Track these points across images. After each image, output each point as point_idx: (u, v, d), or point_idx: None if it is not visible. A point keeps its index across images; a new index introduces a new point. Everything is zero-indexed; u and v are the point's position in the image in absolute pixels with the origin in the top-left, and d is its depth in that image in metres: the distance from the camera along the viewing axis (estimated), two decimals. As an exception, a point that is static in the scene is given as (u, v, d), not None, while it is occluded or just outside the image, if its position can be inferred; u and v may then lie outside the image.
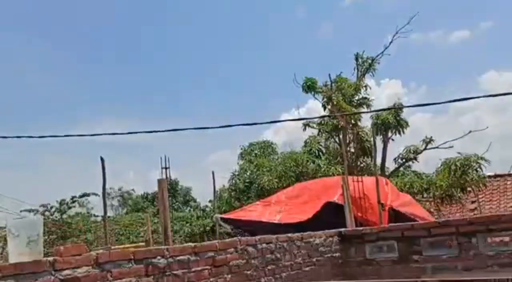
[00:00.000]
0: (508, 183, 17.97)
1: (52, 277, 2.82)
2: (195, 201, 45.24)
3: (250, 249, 4.58)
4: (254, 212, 9.15)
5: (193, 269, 3.84)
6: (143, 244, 4.64)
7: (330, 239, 6.18)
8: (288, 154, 15.94)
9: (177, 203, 41.05)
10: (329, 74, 14.06)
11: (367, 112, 13.66)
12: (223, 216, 9.67)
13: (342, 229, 6.52)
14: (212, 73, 39.67)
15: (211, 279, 3.99)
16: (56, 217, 19.64)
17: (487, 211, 16.37)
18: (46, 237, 19.19)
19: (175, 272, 3.66)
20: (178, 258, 3.73)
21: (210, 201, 18.57)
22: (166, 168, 9.61)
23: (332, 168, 13.14)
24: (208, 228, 15.99)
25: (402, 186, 13.47)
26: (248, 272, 4.47)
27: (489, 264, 5.43)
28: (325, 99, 13.61)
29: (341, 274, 6.18)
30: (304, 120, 14.34)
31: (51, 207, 19.60)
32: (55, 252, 2.99)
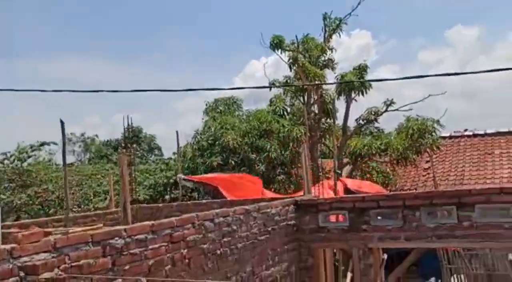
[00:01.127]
0: (461, 144, 18.82)
1: (11, 265, 2.93)
2: (159, 149, 45.28)
3: (207, 223, 4.79)
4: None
5: (150, 247, 4.01)
6: (101, 225, 4.77)
7: (286, 208, 6.48)
8: (253, 111, 16.06)
9: (141, 151, 40.97)
10: (296, 35, 14.04)
11: (339, 82, 13.73)
12: (186, 177, 9.89)
13: (298, 198, 6.83)
14: (188, 16, 38.76)
15: (168, 255, 4.19)
16: (16, 165, 19.38)
17: (440, 171, 17.23)
18: (6, 185, 19.02)
19: (132, 251, 3.82)
20: (136, 237, 3.89)
21: (174, 153, 18.64)
22: (129, 129, 9.61)
23: (296, 128, 13.39)
24: (171, 180, 16.14)
25: (362, 147, 13.94)
26: (205, 246, 4.70)
27: (429, 235, 5.88)
28: (291, 60, 13.61)
29: (294, 240, 6.56)
30: (270, 80, 14.40)
31: (11, 156, 19.31)
32: (13, 239, 3.08)
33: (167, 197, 14.27)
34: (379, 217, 6.17)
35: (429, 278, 14.49)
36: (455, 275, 13.80)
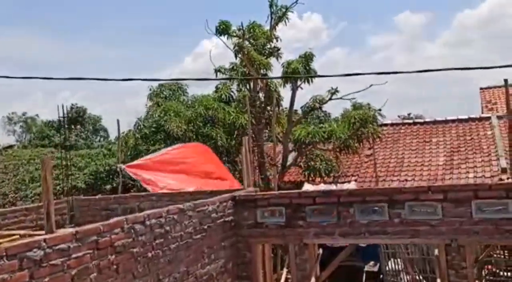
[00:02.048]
0: (402, 131, 19.51)
1: None
2: (105, 131, 44.01)
3: (137, 226, 4.66)
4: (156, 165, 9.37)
5: (73, 256, 3.85)
6: (17, 236, 4.52)
7: (224, 204, 6.44)
8: (198, 97, 15.82)
9: (86, 132, 39.67)
10: (242, 22, 13.85)
11: (285, 76, 13.70)
12: (127, 169, 9.62)
13: (236, 194, 6.80)
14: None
15: (93, 263, 4.04)
16: None
17: (381, 157, 17.80)
18: None
19: (53, 262, 3.65)
20: (57, 247, 3.72)
21: (116, 138, 18.11)
22: (64, 117, 9.18)
23: (242, 116, 13.33)
24: (113, 167, 15.71)
25: (306, 135, 14.11)
26: (135, 250, 4.58)
27: (362, 231, 6.05)
28: (236, 47, 13.44)
29: (232, 236, 6.55)
30: (216, 67, 14.15)
31: None
32: None
33: (108, 186, 13.86)
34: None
35: (369, 262, 15.10)
36: (392, 259, 14.45)
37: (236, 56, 13.61)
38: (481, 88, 24.42)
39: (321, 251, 6.50)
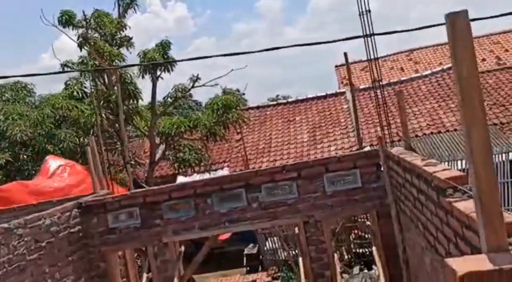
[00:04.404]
0: (268, 113, 19.97)
1: None
2: None
3: None
4: None
5: None
6: None
7: (67, 214, 5.70)
8: (47, 96, 14.28)
9: None
10: (83, 11, 12.63)
11: (140, 64, 12.86)
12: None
13: (82, 200, 6.07)
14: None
15: None
16: None
17: (250, 140, 18.03)
18: None
19: None
20: None
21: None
22: None
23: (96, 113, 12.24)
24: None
25: (171, 126, 13.55)
26: None
27: (222, 221, 5.78)
28: (80, 39, 12.25)
29: (81, 248, 5.84)
30: (62, 62, 12.76)
31: None
32: None
33: None
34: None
35: (248, 245, 15.27)
36: (269, 238, 14.75)
37: (81, 49, 12.42)
38: (336, 66, 26.05)
39: (183, 248, 6.11)
